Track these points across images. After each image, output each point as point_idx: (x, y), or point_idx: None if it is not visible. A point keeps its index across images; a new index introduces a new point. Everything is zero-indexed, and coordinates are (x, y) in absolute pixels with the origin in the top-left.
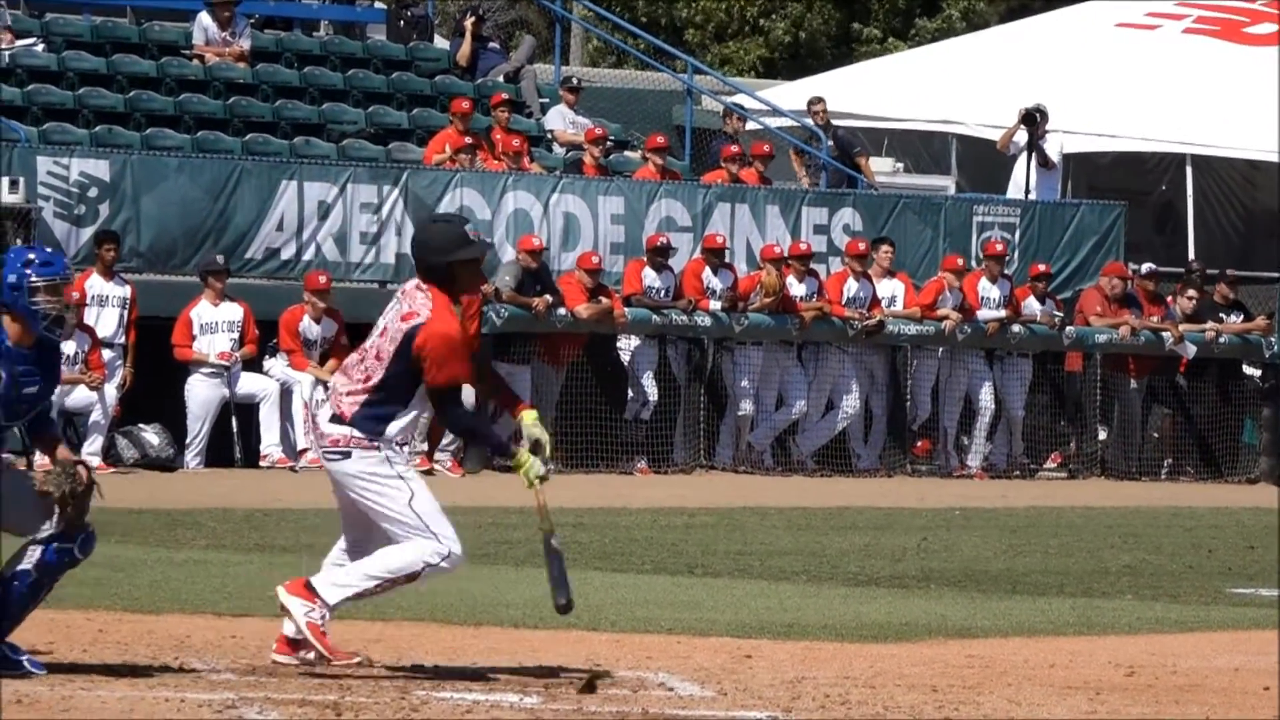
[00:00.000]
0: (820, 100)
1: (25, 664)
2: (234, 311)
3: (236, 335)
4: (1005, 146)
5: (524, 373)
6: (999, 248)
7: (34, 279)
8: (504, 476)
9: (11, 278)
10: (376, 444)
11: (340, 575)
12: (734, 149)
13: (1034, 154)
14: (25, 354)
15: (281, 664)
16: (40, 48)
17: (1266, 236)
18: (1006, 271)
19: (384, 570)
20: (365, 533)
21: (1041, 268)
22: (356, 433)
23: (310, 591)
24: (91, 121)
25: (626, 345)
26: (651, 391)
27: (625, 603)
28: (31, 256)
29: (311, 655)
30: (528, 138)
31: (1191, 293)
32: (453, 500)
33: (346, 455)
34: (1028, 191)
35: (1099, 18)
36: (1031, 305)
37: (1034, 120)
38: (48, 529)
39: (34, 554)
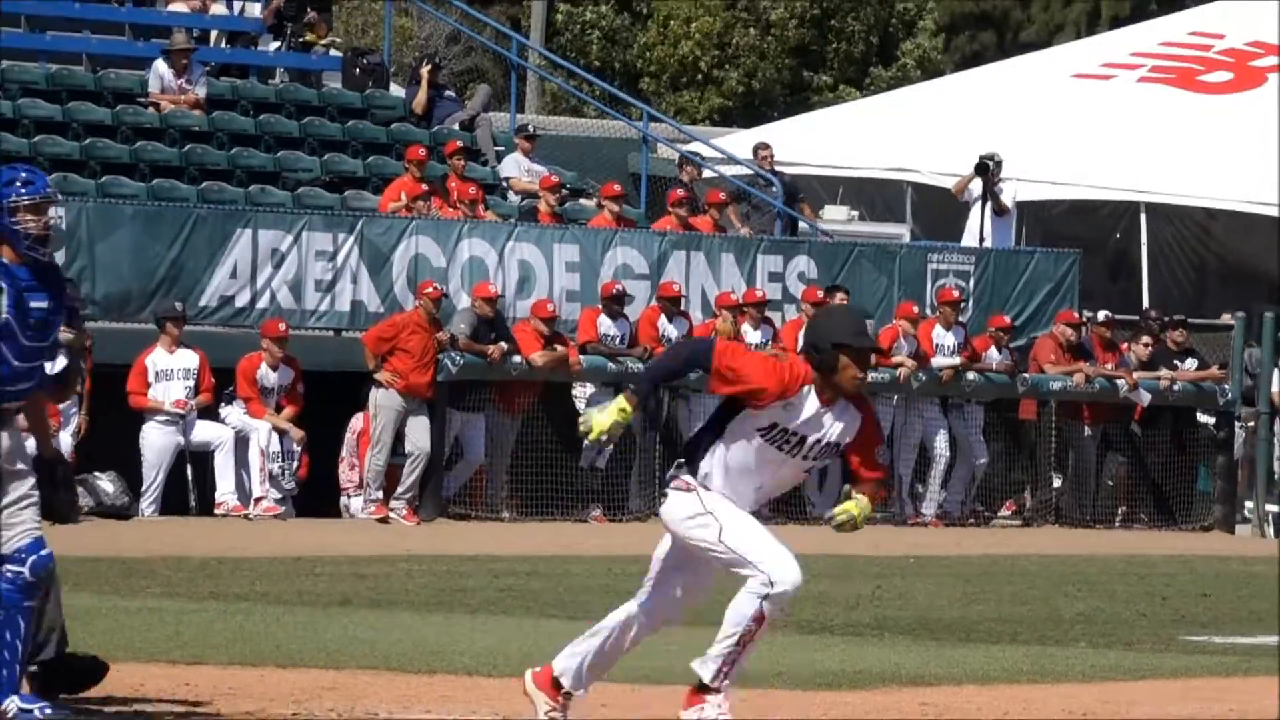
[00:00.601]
0: (766, 146)
1: (36, 713)
2: (189, 359)
3: (192, 383)
4: (960, 193)
5: (478, 420)
6: (954, 294)
7: (14, 198)
8: (459, 525)
9: None
10: (688, 482)
11: (708, 656)
12: (680, 193)
13: (988, 202)
14: (24, 270)
15: None
16: None
17: (1220, 284)
18: (961, 319)
19: (733, 627)
20: (692, 577)
21: (1007, 320)
22: (678, 474)
23: (699, 691)
24: (47, 169)
25: (581, 393)
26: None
27: None
28: (13, 177)
29: None
30: (483, 185)
31: (1146, 340)
32: (407, 548)
33: (665, 498)
34: (982, 239)
35: (1054, 67)
36: (992, 355)
37: (987, 169)
38: None
39: None
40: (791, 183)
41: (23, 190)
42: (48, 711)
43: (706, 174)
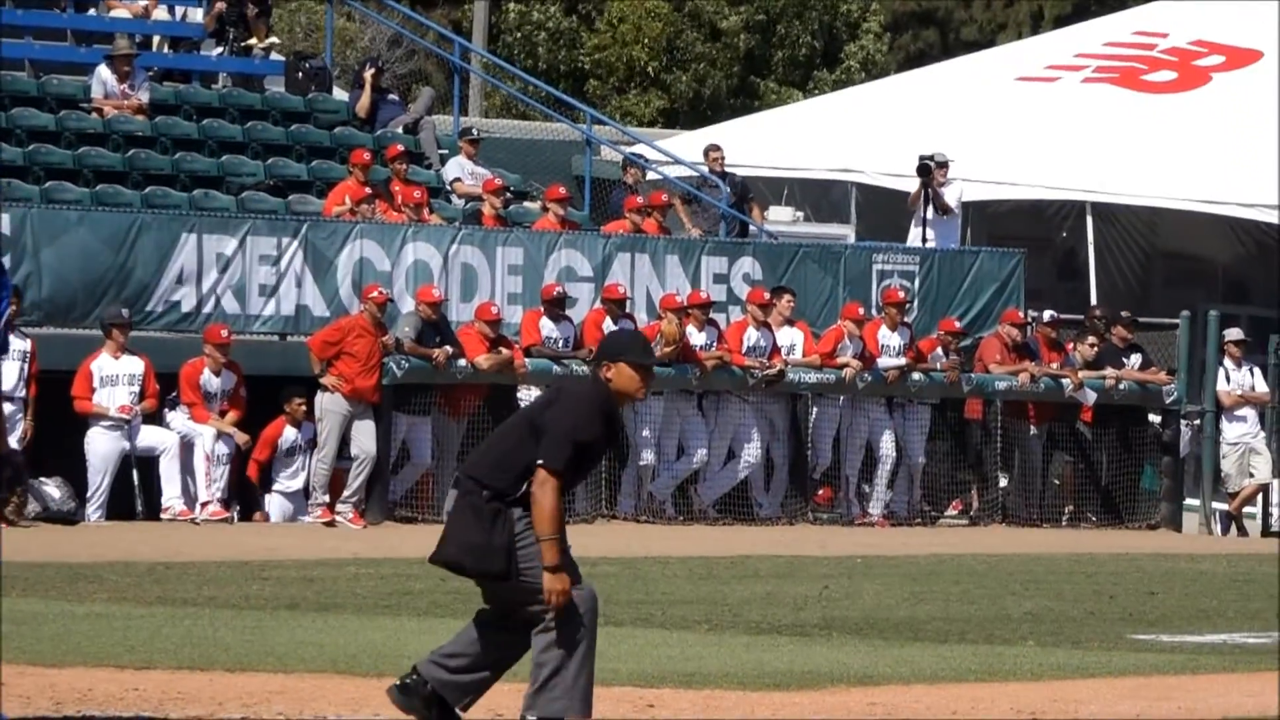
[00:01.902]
0: (717, 148)
1: None
2: (135, 365)
3: (137, 389)
4: (914, 204)
5: (424, 424)
6: (900, 295)
7: None
8: (405, 528)
9: None
10: None
11: None
12: (638, 200)
13: (931, 202)
14: None
15: None
16: None
17: (1166, 283)
18: (907, 319)
19: None
20: None
21: (957, 325)
22: None
23: None
24: None
25: (526, 396)
26: None
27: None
28: None
29: None
30: (427, 189)
31: (1092, 340)
32: (353, 551)
33: None
34: (925, 239)
35: (998, 69)
36: (938, 356)
37: (929, 170)
38: None
39: None
40: (743, 183)
41: None
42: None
43: (651, 176)
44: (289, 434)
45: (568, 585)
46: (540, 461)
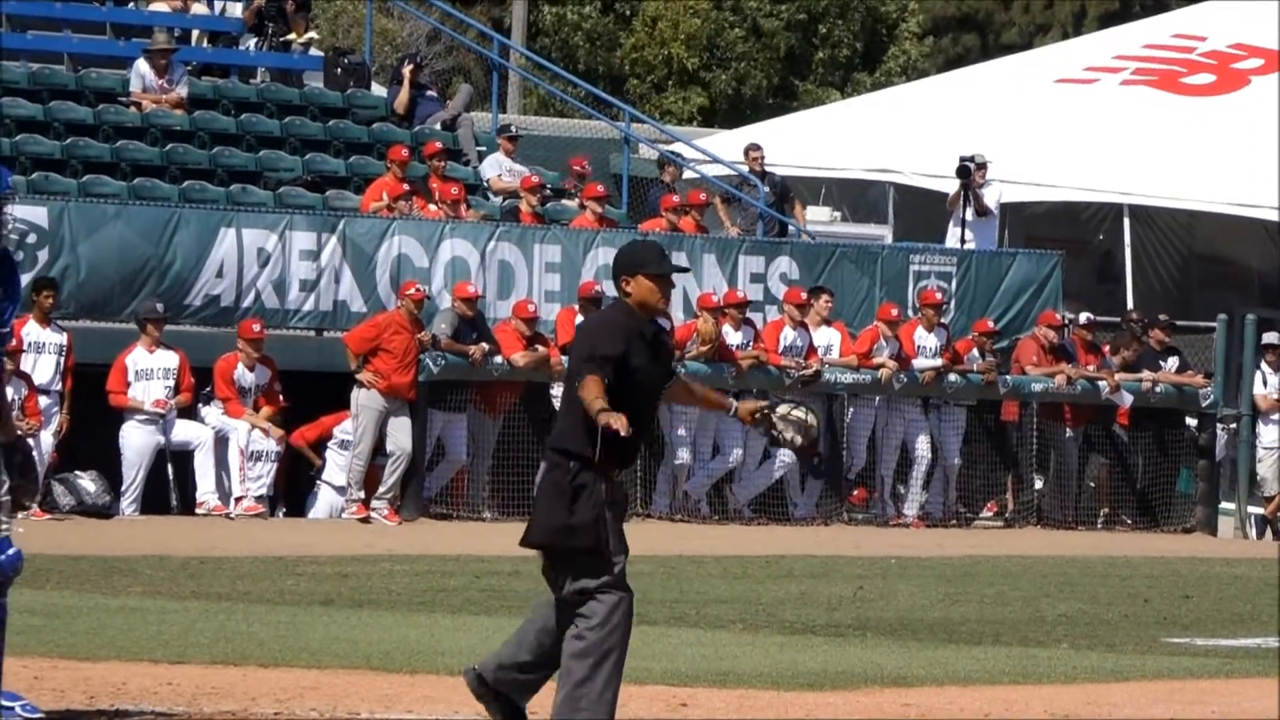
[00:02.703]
0: (757, 147)
1: (18, 710)
2: (169, 359)
3: (172, 383)
4: (953, 205)
5: (460, 421)
6: (937, 297)
7: None
8: (440, 525)
9: None
10: None
11: None
12: (674, 199)
13: (969, 203)
14: None
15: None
16: None
17: (1203, 286)
18: (944, 321)
19: None
20: None
21: (990, 325)
22: None
23: None
24: (28, 168)
25: (559, 393)
26: None
27: None
28: None
29: None
30: (465, 186)
31: (1134, 347)
32: (388, 548)
33: None
34: (963, 240)
35: (1037, 71)
36: (974, 358)
37: (968, 171)
38: None
39: None
40: (783, 183)
41: None
42: (31, 711)
43: (688, 175)
44: (348, 426)
45: (624, 422)
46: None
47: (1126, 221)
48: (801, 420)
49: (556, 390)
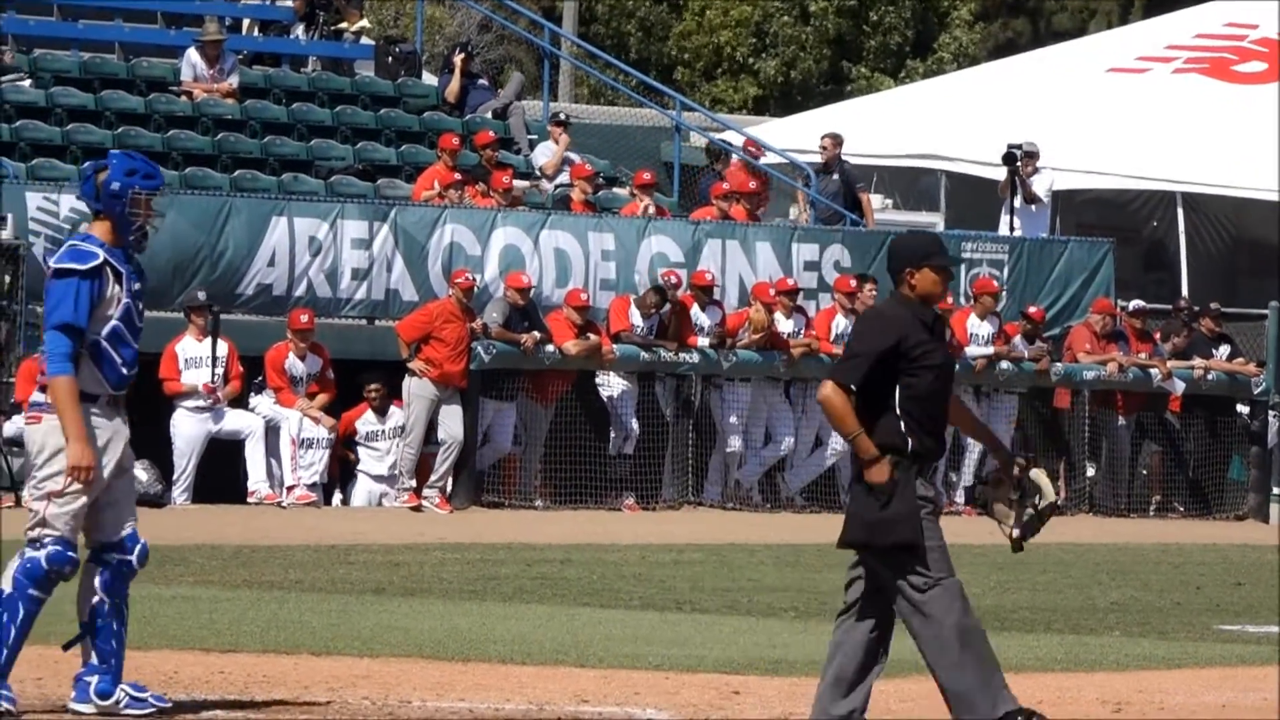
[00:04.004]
0: (833, 136)
1: (150, 700)
2: (219, 348)
3: (221, 371)
4: (1005, 191)
5: (509, 410)
6: (994, 285)
7: (137, 188)
8: (492, 513)
9: (115, 185)
10: None
11: None
12: (724, 187)
13: (1018, 191)
14: (119, 254)
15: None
16: (28, 83)
17: (1255, 274)
18: (996, 309)
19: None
20: None
21: (1033, 310)
22: None
23: None
24: (80, 158)
25: (605, 380)
26: (634, 426)
27: (613, 639)
28: (136, 167)
29: None
30: (516, 174)
31: (1185, 333)
32: (440, 536)
33: None
34: (1011, 228)
35: (1088, 60)
36: (1019, 344)
37: (1015, 158)
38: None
39: (93, 579)
40: (852, 171)
41: (143, 182)
42: (161, 701)
43: (740, 162)
44: (369, 419)
45: (885, 474)
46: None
47: (1179, 209)
48: (1051, 500)
49: (602, 378)
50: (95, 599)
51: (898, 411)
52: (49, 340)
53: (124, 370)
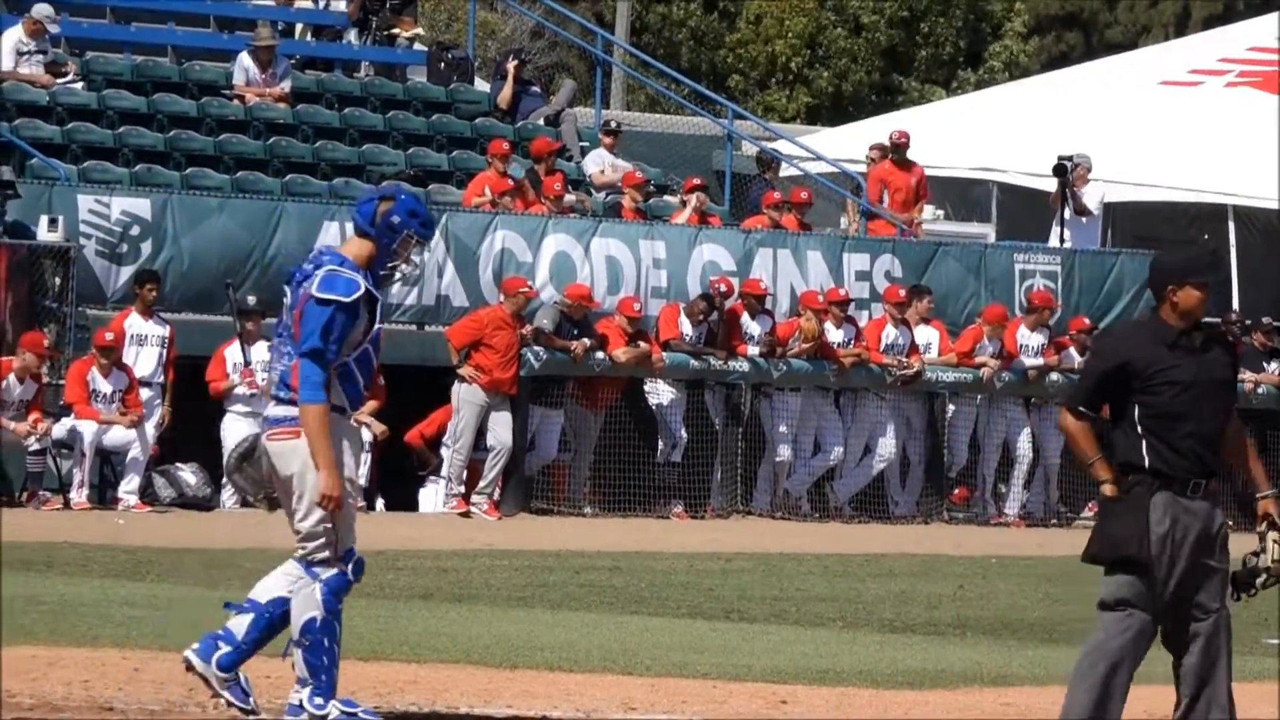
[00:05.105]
0: (877, 147)
1: (360, 715)
2: (265, 352)
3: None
4: (1055, 205)
5: (556, 416)
6: (1050, 299)
7: (410, 231)
8: (540, 520)
9: (396, 219)
10: None
11: None
12: (775, 196)
13: (1068, 202)
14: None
15: None
16: (80, 86)
17: None
18: (1049, 321)
19: None
20: None
21: (1087, 322)
22: None
23: None
24: (131, 160)
25: (654, 388)
26: (683, 434)
27: (661, 647)
28: (419, 211)
29: None
30: (568, 180)
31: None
32: (488, 542)
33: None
34: (1062, 240)
35: (1140, 72)
36: (1071, 355)
37: (1065, 170)
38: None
39: (311, 593)
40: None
41: (420, 228)
42: (371, 715)
43: (791, 172)
44: None
45: (1112, 491)
46: None
47: (1231, 223)
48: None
49: (651, 386)
50: (314, 614)
51: (1139, 430)
52: (303, 366)
53: (364, 390)
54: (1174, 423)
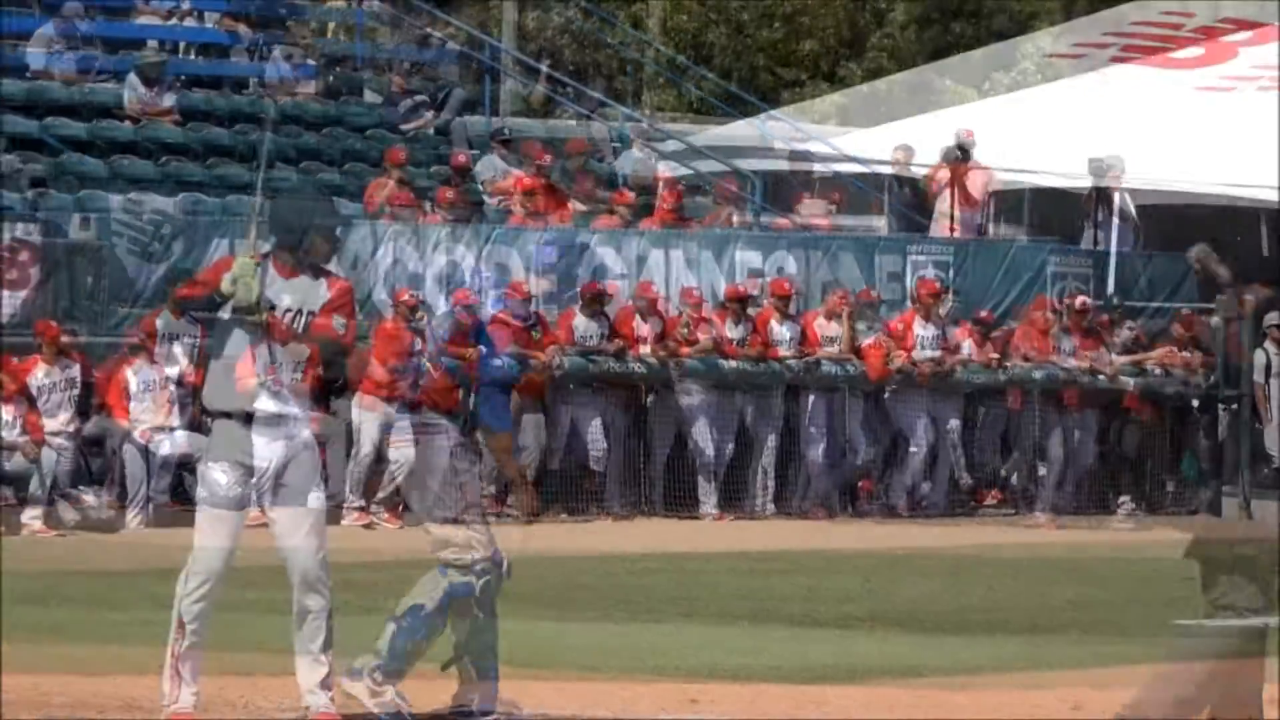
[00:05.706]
0: (906, 148)
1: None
2: (298, 350)
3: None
4: (1087, 207)
5: (591, 418)
6: (1087, 303)
7: (505, 309)
8: (569, 523)
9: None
10: None
11: None
12: (805, 197)
13: (1101, 205)
14: None
15: None
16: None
17: None
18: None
19: None
20: None
21: (1088, 304)
22: None
23: None
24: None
25: (685, 389)
26: (713, 435)
27: (690, 647)
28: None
29: None
30: (601, 182)
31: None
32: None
33: None
34: (1095, 242)
35: (1175, 75)
36: (1102, 356)
37: (1099, 173)
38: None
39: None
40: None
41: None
42: None
43: (821, 170)
44: None
45: None
46: None
47: (1263, 225)
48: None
49: (682, 388)
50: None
51: None
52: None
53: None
54: None
